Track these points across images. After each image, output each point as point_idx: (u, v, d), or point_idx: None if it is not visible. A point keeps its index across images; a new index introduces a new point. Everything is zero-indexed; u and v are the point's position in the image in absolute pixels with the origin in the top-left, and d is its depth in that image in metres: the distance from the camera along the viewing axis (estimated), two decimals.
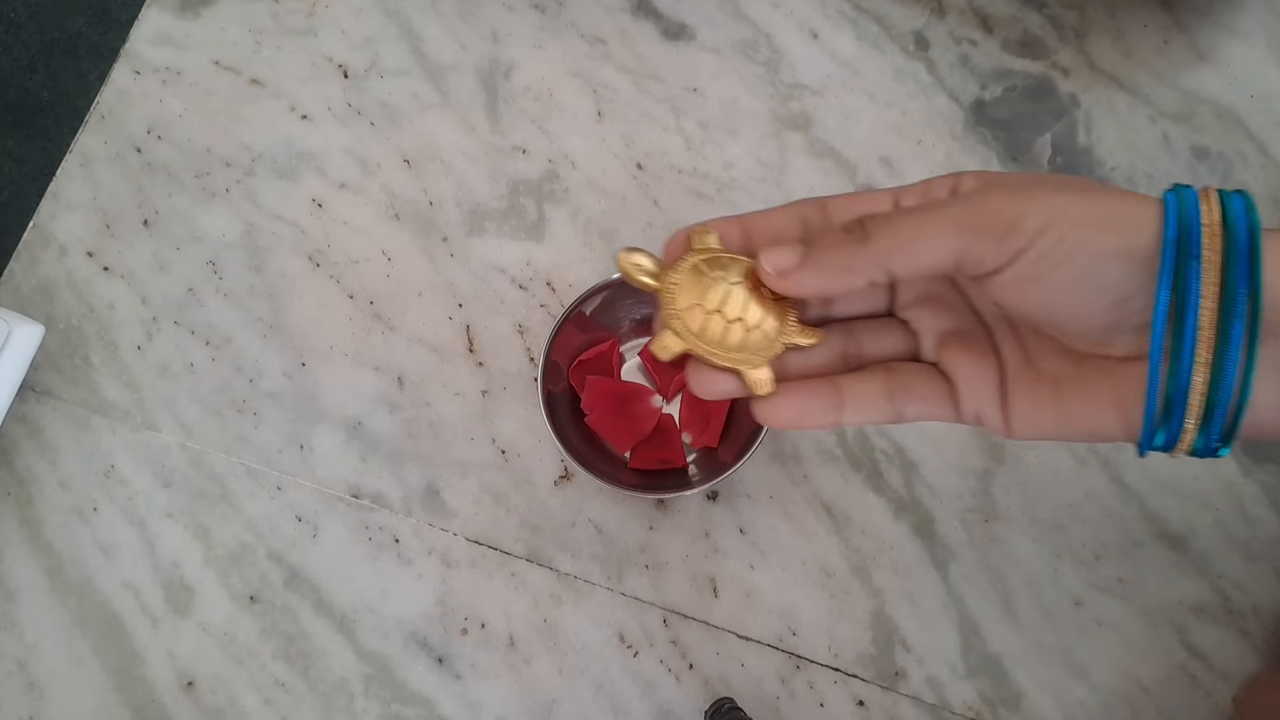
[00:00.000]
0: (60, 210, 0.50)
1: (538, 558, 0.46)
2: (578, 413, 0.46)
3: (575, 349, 0.46)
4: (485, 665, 0.45)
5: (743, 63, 0.52)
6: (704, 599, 0.46)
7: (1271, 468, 0.46)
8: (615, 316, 0.47)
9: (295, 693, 0.45)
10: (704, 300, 0.27)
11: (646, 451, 0.46)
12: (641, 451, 0.46)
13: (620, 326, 0.47)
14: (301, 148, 0.51)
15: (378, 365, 0.48)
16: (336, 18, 0.53)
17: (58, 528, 0.47)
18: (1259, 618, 0.45)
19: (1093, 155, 0.51)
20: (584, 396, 0.46)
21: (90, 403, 0.48)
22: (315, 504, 0.47)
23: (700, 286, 0.28)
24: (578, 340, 0.46)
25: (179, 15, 0.53)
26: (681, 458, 0.46)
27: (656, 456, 0.46)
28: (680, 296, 0.27)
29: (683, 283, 0.28)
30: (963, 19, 0.52)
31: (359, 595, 0.46)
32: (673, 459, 0.46)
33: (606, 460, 0.46)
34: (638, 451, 0.46)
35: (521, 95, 0.52)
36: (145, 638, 0.45)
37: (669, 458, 0.46)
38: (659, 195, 0.50)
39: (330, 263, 0.50)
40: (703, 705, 0.44)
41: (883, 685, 0.45)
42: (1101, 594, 0.45)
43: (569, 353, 0.46)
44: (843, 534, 0.46)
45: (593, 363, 0.46)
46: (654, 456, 0.46)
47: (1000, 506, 0.46)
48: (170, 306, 0.49)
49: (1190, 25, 0.52)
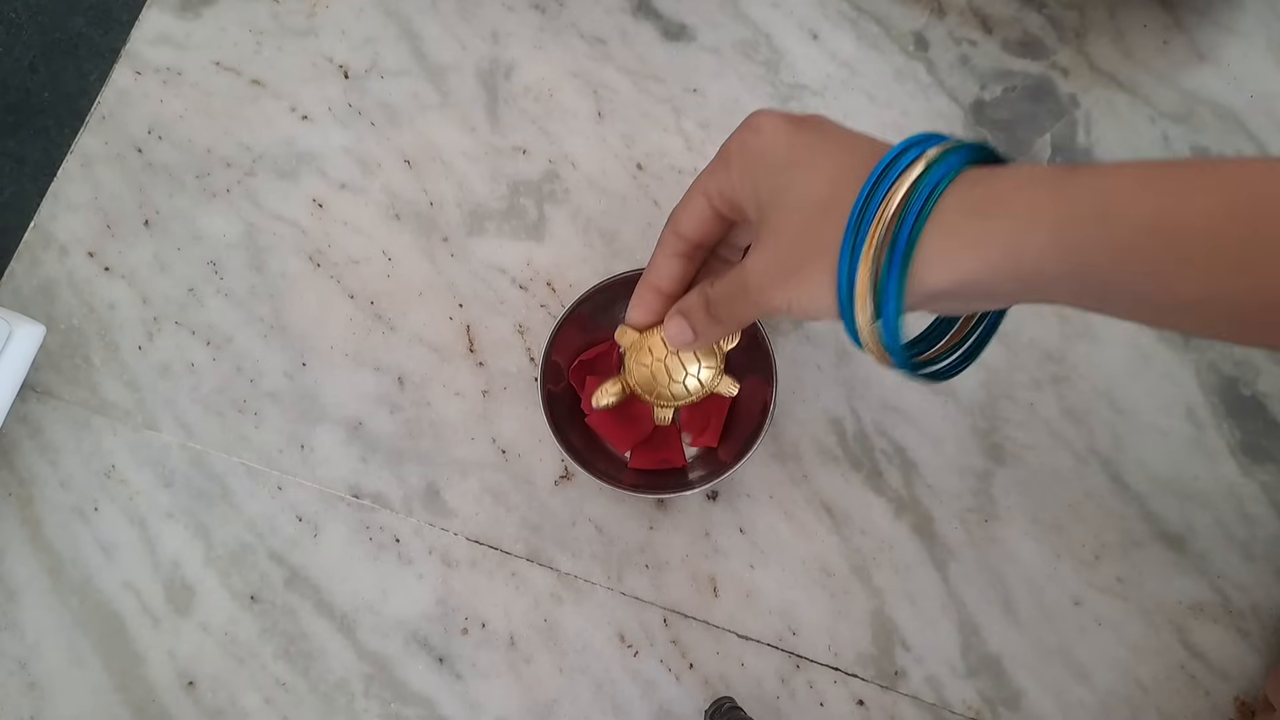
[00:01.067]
0: (61, 210, 0.50)
1: (538, 557, 0.46)
2: (578, 412, 0.46)
3: (576, 349, 0.46)
4: (486, 665, 0.45)
5: (743, 63, 0.52)
6: (704, 599, 0.46)
7: (1271, 468, 0.46)
8: (615, 316, 0.47)
9: (296, 692, 0.45)
10: (654, 382, 0.41)
11: (646, 452, 0.46)
12: (641, 452, 0.46)
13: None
14: (302, 148, 0.51)
15: (378, 365, 0.48)
16: (337, 18, 0.53)
17: (58, 527, 0.47)
18: (1258, 617, 0.45)
19: (1092, 155, 0.51)
20: (584, 396, 0.46)
21: (91, 403, 0.48)
22: (316, 504, 0.47)
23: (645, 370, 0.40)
24: (578, 340, 0.46)
25: (179, 16, 0.53)
26: (682, 458, 0.46)
27: (656, 456, 0.46)
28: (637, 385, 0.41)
29: (634, 373, 0.41)
30: (962, 19, 0.52)
31: (359, 595, 0.46)
32: (672, 459, 0.46)
33: (606, 460, 0.46)
34: (638, 452, 0.46)
35: (522, 95, 0.52)
36: (146, 637, 0.46)
37: (669, 458, 0.46)
38: (659, 195, 0.50)
39: (331, 263, 0.50)
40: (703, 705, 0.44)
41: (882, 685, 0.45)
42: (1101, 594, 0.45)
43: (569, 352, 0.46)
44: (843, 534, 0.46)
45: (593, 363, 0.46)
46: (654, 456, 0.46)
47: (1000, 506, 0.46)
48: (171, 307, 0.49)
49: (1190, 25, 0.52)
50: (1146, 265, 0.25)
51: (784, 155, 0.32)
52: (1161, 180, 0.25)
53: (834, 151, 0.31)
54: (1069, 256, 0.26)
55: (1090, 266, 0.26)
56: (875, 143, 0.31)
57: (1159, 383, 0.48)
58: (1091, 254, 0.26)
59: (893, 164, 0.28)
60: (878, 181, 0.28)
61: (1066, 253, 0.26)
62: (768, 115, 0.33)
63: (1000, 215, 0.27)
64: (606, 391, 0.42)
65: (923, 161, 0.28)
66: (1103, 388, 0.47)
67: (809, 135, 0.32)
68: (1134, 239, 0.25)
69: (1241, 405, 0.47)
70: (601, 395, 0.42)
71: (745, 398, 0.45)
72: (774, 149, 0.32)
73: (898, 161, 0.28)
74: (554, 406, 0.44)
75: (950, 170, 0.28)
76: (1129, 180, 0.26)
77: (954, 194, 0.27)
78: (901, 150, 0.29)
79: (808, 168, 0.31)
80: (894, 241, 0.28)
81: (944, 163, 0.28)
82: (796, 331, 0.48)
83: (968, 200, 0.27)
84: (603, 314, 0.46)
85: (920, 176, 0.28)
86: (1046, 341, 0.48)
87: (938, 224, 0.27)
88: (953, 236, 0.27)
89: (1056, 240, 0.26)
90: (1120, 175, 0.26)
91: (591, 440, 0.46)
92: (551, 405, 0.44)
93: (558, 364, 0.45)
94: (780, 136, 0.32)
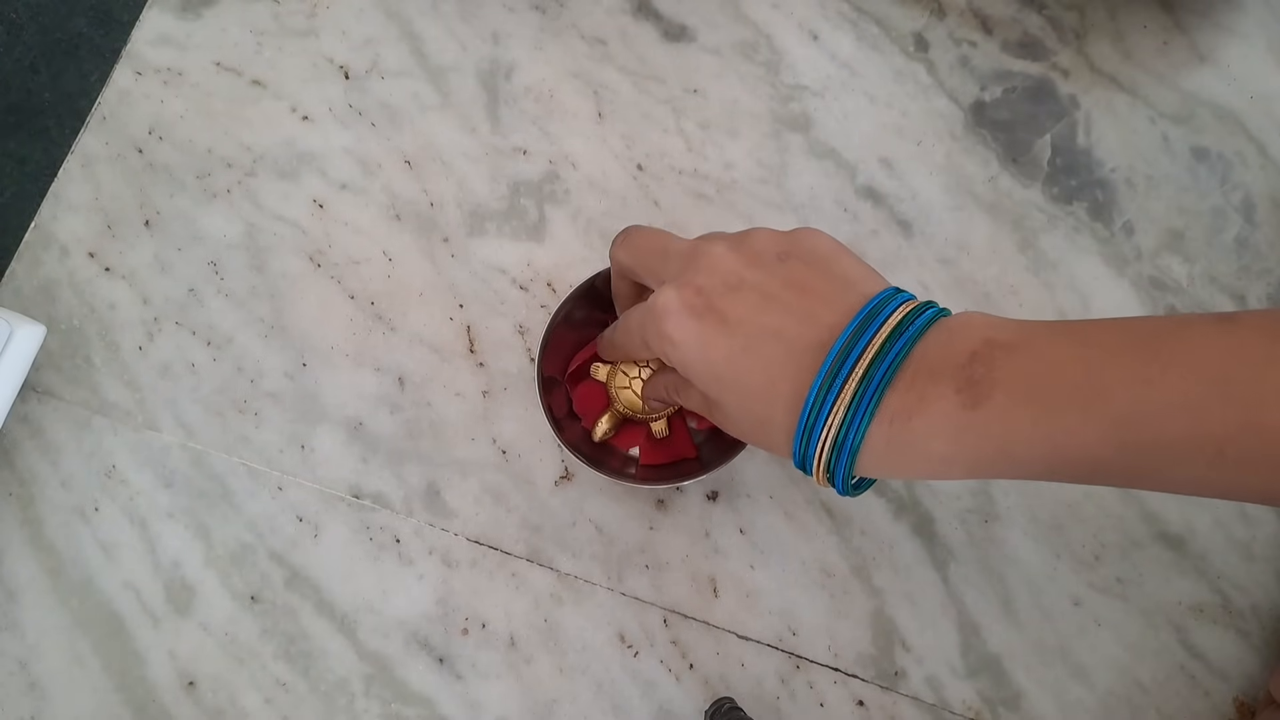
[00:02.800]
0: (61, 211, 0.50)
1: (538, 558, 0.46)
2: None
3: (568, 354, 0.46)
4: (486, 665, 0.45)
5: (743, 64, 0.52)
6: (704, 599, 0.46)
7: None
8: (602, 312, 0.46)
9: (296, 692, 0.45)
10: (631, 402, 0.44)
11: (657, 448, 0.46)
12: (651, 448, 0.46)
13: None
14: (302, 148, 0.51)
15: (378, 365, 0.48)
16: (337, 19, 0.53)
17: (59, 528, 0.47)
18: (1258, 618, 0.45)
19: (1092, 156, 0.51)
20: (576, 403, 0.46)
21: (91, 403, 0.48)
22: (316, 504, 0.47)
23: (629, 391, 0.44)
24: (570, 345, 0.46)
25: (180, 16, 0.53)
26: (691, 447, 0.46)
27: (667, 452, 0.45)
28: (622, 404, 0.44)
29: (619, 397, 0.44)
30: (962, 20, 0.52)
31: (360, 595, 0.46)
32: (683, 450, 0.45)
33: (607, 455, 0.46)
34: (647, 449, 0.46)
35: (522, 96, 0.52)
36: (146, 638, 0.46)
37: (680, 450, 0.45)
38: (659, 196, 0.50)
39: (331, 263, 0.50)
40: (703, 705, 0.44)
41: (882, 685, 0.45)
42: (1101, 594, 0.45)
43: (563, 358, 0.46)
44: (842, 534, 0.46)
45: (583, 369, 0.46)
46: (665, 452, 0.45)
47: (1000, 507, 0.46)
48: (171, 307, 0.49)
49: (1190, 26, 0.52)
50: (1052, 479, 0.30)
51: (708, 372, 0.33)
52: (1053, 417, 0.28)
53: (754, 369, 0.32)
54: (984, 477, 0.31)
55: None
56: (794, 346, 0.32)
57: None
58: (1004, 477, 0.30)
59: (821, 396, 0.30)
60: (812, 410, 0.30)
61: (981, 475, 0.30)
62: (676, 321, 0.33)
63: (917, 458, 0.30)
64: (602, 425, 0.44)
65: (848, 391, 0.30)
66: None
67: (723, 345, 0.32)
68: (1033, 472, 0.29)
69: None
70: (598, 430, 0.44)
71: None
72: (696, 365, 0.33)
73: (828, 391, 0.30)
74: (554, 407, 0.44)
75: (870, 406, 0.30)
76: (1026, 422, 0.28)
77: (877, 432, 0.30)
78: (832, 371, 0.30)
79: (735, 390, 0.33)
80: (837, 452, 0.31)
81: (864, 397, 0.30)
82: None
83: (888, 438, 0.30)
84: (592, 311, 0.46)
85: (849, 406, 0.30)
86: None
87: (868, 450, 0.30)
88: (882, 462, 0.31)
89: (970, 472, 0.30)
90: (1018, 416, 0.28)
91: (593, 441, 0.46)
92: (551, 406, 0.44)
93: (555, 362, 0.45)
94: (693, 352, 0.33)
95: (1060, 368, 0.28)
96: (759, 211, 0.50)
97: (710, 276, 0.33)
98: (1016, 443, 0.28)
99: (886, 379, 0.29)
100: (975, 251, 0.49)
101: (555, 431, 0.43)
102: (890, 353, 0.29)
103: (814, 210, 0.50)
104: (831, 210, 0.50)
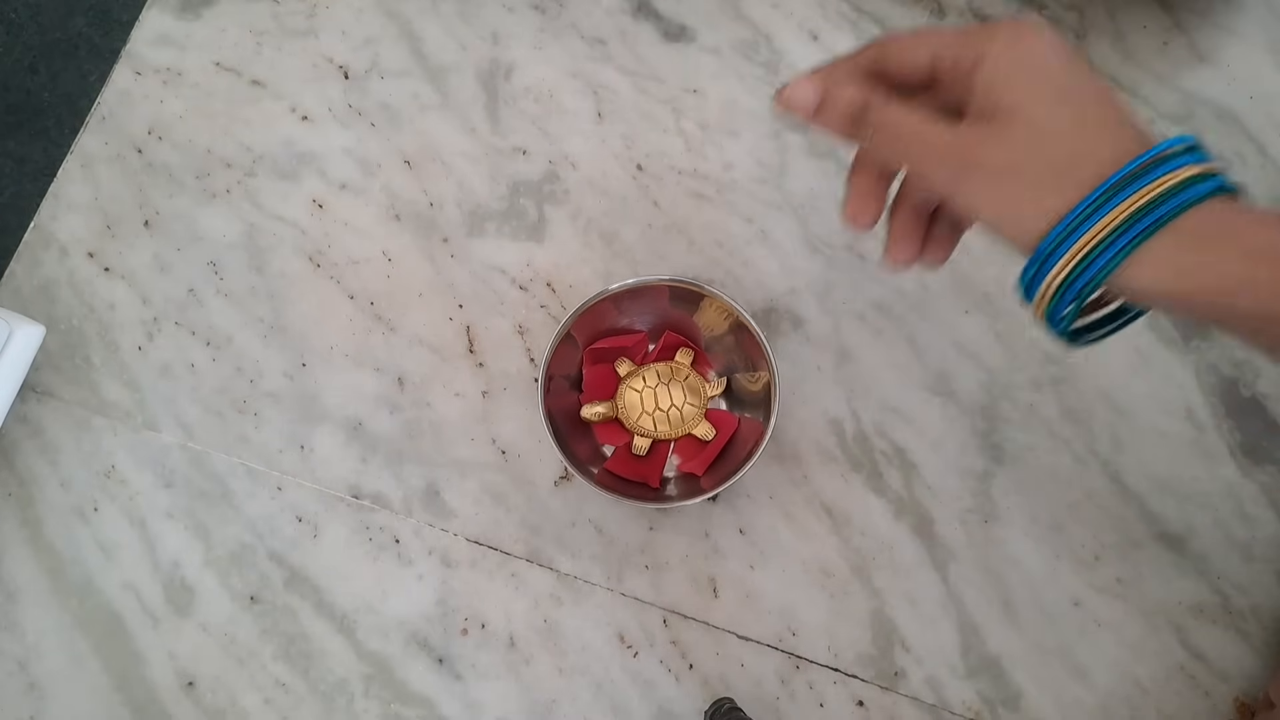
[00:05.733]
0: (61, 211, 0.50)
1: (538, 558, 0.46)
2: (578, 416, 0.46)
3: (575, 361, 0.46)
4: (485, 665, 0.45)
5: (743, 64, 0.52)
6: (704, 599, 0.46)
7: (1271, 468, 0.46)
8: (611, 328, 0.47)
9: (296, 693, 0.45)
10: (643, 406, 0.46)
11: (627, 461, 0.46)
12: (623, 458, 0.46)
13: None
14: (302, 148, 0.51)
15: (378, 366, 0.48)
16: (337, 19, 0.53)
17: (58, 528, 0.47)
18: (1258, 618, 0.45)
19: None
20: (585, 378, 0.46)
21: (91, 403, 0.48)
22: (316, 504, 0.47)
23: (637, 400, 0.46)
24: (576, 355, 0.46)
25: (179, 16, 0.53)
26: (656, 479, 0.45)
27: (635, 469, 0.45)
28: (631, 412, 0.46)
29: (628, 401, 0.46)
30: (962, 20, 0.52)
31: (359, 595, 0.46)
32: (649, 477, 0.45)
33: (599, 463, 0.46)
34: (619, 453, 0.46)
35: (522, 96, 0.52)
36: (146, 638, 0.46)
37: (645, 474, 0.45)
38: (659, 196, 0.50)
39: (331, 263, 0.50)
40: (702, 705, 0.44)
41: (882, 685, 0.45)
42: (1101, 594, 0.45)
43: (570, 364, 0.46)
44: (842, 534, 0.46)
45: (609, 352, 0.46)
46: (633, 468, 0.45)
47: (1000, 507, 0.46)
48: (171, 307, 0.49)
49: (1190, 26, 0.52)
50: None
51: (1058, 73, 0.30)
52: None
53: (1105, 103, 0.30)
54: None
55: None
56: (1139, 123, 0.31)
57: (1159, 383, 0.48)
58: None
59: (1165, 157, 0.29)
60: (1148, 164, 0.29)
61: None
62: (1048, 30, 0.31)
63: (1231, 249, 0.28)
64: (594, 408, 0.46)
65: (1196, 168, 0.28)
66: (1103, 388, 0.47)
67: (1086, 76, 0.31)
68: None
69: (1241, 406, 0.47)
70: (588, 410, 0.46)
71: (744, 437, 0.45)
72: (1049, 61, 0.31)
73: (1170, 158, 0.29)
74: (553, 413, 0.44)
75: (1206, 190, 0.28)
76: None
77: (1198, 214, 0.28)
78: (1176, 148, 0.29)
79: (1075, 104, 0.30)
80: (1128, 227, 0.28)
81: (1207, 181, 0.28)
82: (796, 333, 0.48)
83: (1207, 224, 0.28)
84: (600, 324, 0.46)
85: (1185, 181, 0.28)
86: (1046, 342, 0.48)
87: (1174, 230, 0.28)
88: (1183, 253, 0.28)
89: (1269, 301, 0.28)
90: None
91: (594, 449, 0.46)
92: (551, 411, 0.44)
93: (562, 361, 0.45)
94: (1058, 56, 0.31)
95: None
96: (759, 211, 0.50)
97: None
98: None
99: (1186, 204, 0.28)
100: (975, 252, 0.49)
101: (556, 443, 0.43)
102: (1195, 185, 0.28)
103: (814, 210, 0.50)
104: (831, 210, 0.50)
